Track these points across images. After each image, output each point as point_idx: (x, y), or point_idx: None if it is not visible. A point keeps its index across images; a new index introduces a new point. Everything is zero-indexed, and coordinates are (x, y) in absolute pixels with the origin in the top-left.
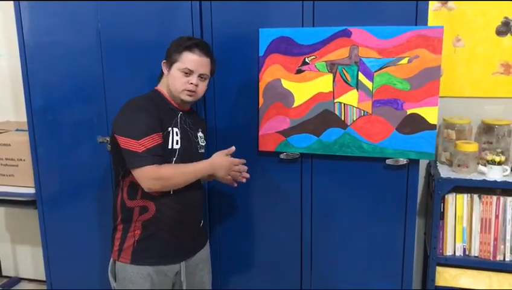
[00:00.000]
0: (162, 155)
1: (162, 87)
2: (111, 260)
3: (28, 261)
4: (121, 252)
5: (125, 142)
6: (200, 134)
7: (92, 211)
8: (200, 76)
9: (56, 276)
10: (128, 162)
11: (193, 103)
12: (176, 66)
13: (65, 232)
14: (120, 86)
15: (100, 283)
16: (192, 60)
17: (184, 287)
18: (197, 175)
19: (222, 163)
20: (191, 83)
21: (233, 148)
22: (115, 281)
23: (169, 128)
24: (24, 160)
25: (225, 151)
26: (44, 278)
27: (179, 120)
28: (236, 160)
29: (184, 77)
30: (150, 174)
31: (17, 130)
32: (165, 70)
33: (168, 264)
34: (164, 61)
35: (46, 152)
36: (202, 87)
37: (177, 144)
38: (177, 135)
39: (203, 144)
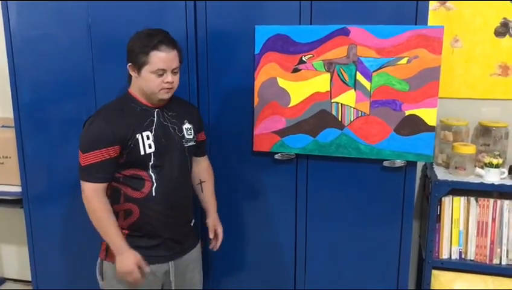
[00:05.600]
0: (102, 173)
1: (133, 89)
2: (99, 259)
3: (14, 261)
4: (108, 252)
5: (79, 152)
6: (186, 126)
7: (79, 210)
8: (173, 71)
9: (42, 276)
10: (78, 171)
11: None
12: (146, 69)
13: (52, 231)
14: (110, 83)
15: (87, 283)
16: (161, 58)
17: (173, 287)
18: (107, 240)
19: (123, 264)
20: (167, 82)
21: (147, 269)
22: (103, 280)
23: (137, 135)
24: (10, 157)
25: (141, 263)
26: (29, 279)
27: (155, 119)
28: (137, 280)
29: (158, 77)
30: (84, 190)
31: (3, 126)
32: (132, 74)
33: (155, 263)
34: (130, 64)
35: (33, 150)
36: (176, 80)
37: (150, 147)
38: (148, 138)
39: (191, 137)
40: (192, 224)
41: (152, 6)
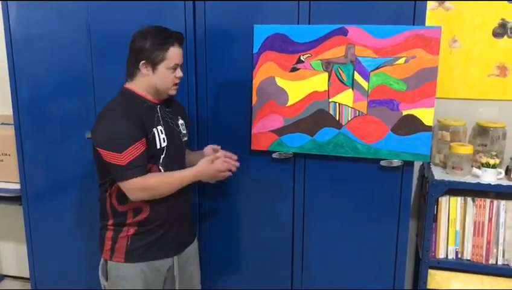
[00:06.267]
0: (144, 164)
1: (133, 85)
2: (102, 260)
3: (12, 258)
4: (113, 252)
5: (107, 156)
6: (180, 122)
7: (78, 208)
8: (181, 66)
9: (40, 274)
10: (114, 175)
11: None
12: (163, 65)
13: (50, 229)
14: (109, 81)
15: (86, 281)
16: (177, 54)
17: (177, 282)
18: (183, 183)
19: (207, 172)
20: (179, 77)
21: (219, 154)
22: (107, 280)
23: (153, 129)
24: (9, 155)
25: (211, 158)
26: (28, 276)
27: (160, 115)
28: (221, 167)
29: (172, 73)
30: (136, 186)
31: (2, 124)
32: (144, 71)
33: (160, 259)
34: (143, 62)
35: (32, 147)
36: None
37: (164, 141)
38: (161, 132)
39: (185, 132)
40: (190, 218)
41: (151, 5)
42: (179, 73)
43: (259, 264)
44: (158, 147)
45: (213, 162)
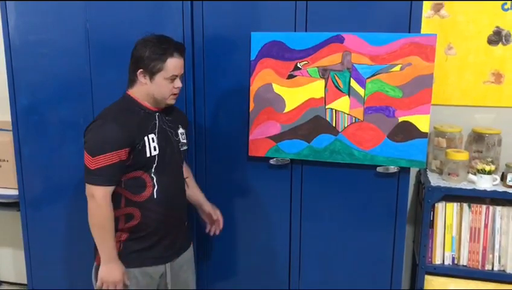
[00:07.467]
0: (111, 175)
1: (134, 92)
2: (95, 264)
3: (10, 264)
4: None
5: (85, 156)
6: (180, 130)
7: (76, 213)
8: (180, 76)
9: (38, 279)
10: (85, 176)
11: None
12: (160, 75)
13: (48, 235)
14: (108, 86)
15: (83, 287)
16: (175, 65)
17: (169, 288)
18: (103, 246)
19: (116, 271)
20: (177, 87)
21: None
22: None
23: (144, 138)
24: (7, 161)
25: (126, 277)
26: (25, 282)
27: (157, 123)
28: (120, 287)
29: (170, 83)
30: (95, 196)
31: (0, 129)
32: (142, 80)
33: (153, 265)
34: (140, 71)
35: (30, 153)
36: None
37: (155, 150)
38: (153, 141)
39: (185, 141)
40: (186, 225)
41: (149, 11)
42: (178, 83)
43: (256, 269)
44: (148, 155)
45: (124, 282)
